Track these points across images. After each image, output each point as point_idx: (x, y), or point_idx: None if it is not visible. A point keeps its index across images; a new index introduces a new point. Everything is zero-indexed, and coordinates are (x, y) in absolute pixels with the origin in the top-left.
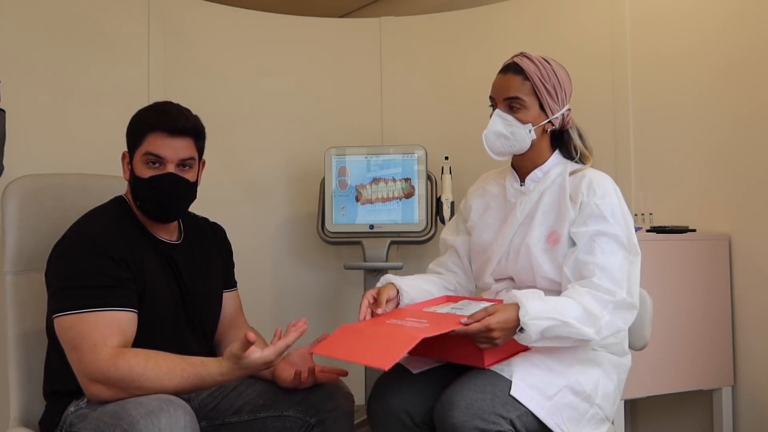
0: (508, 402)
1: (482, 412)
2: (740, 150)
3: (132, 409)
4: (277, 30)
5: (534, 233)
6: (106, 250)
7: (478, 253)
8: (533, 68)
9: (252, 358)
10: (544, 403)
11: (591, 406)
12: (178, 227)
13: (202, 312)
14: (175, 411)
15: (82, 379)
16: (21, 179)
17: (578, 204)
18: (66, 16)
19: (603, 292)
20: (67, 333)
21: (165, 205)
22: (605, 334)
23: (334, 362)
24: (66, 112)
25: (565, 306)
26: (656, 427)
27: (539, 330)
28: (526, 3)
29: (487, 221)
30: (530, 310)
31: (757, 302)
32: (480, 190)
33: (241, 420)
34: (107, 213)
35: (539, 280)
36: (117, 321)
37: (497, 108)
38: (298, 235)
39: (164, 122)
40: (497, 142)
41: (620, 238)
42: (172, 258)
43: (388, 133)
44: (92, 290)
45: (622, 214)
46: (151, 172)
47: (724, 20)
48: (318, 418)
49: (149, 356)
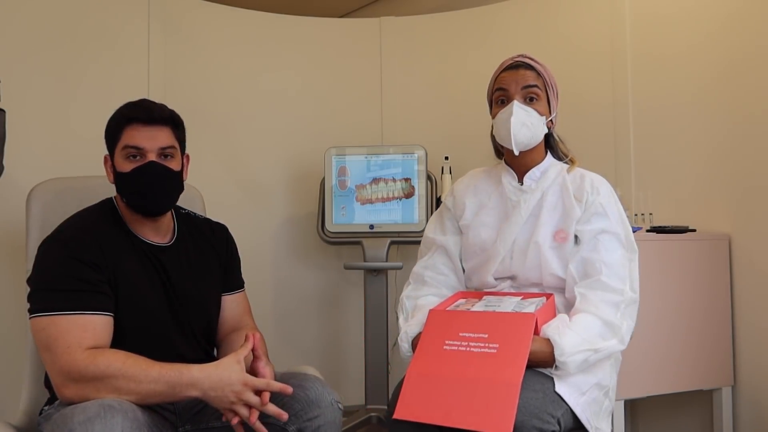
0: (554, 400)
1: (538, 411)
2: (740, 150)
3: (75, 415)
4: (277, 30)
5: (541, 231)
6: (77, 253)
7: (475, 252)
8: (540, 66)
9: (240, 366)
10: (578, 399)
11: (606, 399)
12: (172, 228)
13: (191, 315)
14: (113, 417)
15: (56, 379)
16: (46, 182)
17: (583, 202)
18: (66, 16)
19: (612, 292)
20: (39, 334)
21: (150, 196)
22: (628, 340)
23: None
24: (66, 111)
25: (589, 327)
26: (656, 427)
27: (576, 365)
28: (526, 3)
29: (484, 220)
30: (566, 347)
31: (757, 302)
32: (471, 188)
33: (224, 425)
34: (88, 215)
35: (546, 278)
36: (90, 324)
37: (514, 100)
38: (298, 235)
39: (139, 113)
40: (522, 131)
41: (620, 236)
42: (159, 260)
43: (388, 133)
44: (64, 293)
45: (620, 214)
46: (132, 164)
47: (724, 20)
48: (297, 426)
49: (128, 356)
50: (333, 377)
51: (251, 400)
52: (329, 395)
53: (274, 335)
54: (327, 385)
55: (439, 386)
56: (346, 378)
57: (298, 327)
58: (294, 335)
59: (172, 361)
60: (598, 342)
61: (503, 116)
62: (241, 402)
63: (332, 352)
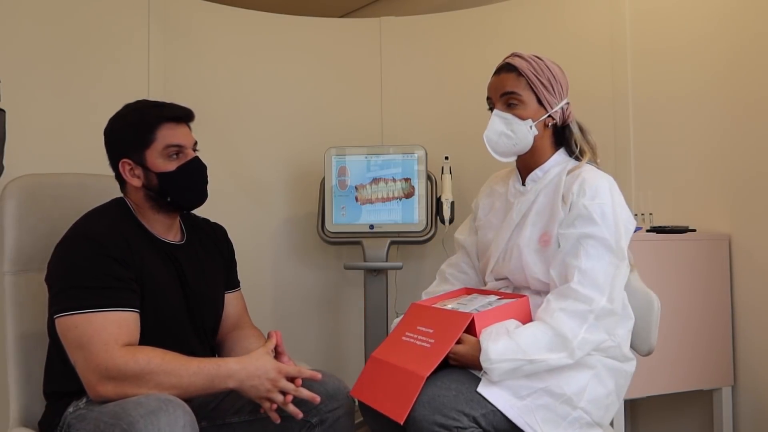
0: (473, 399)
1: (443, 407)
2: (740, 149)
3: (131, 409)
4: (277, 30)
5: (525, 234)
6: (108, 250)
7: (482, 251)
8: (525, 64)
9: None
10: (514, 402)
11: (573, 409)
12: (180, 227)
13: (204, 312)
14: (174, 411)
15: (91, 377)
16: (19, 179)
17: (568, 204)
18: (66, 16)
19: (581, 300)
20: (71, 332)
21: (197, 191)
22: (580, 354)
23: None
24: (66, 112)
25: (534, 336)
26: (656, 427)
27: (501, 372)
28: (526, 3)
29: (491, 221)
30: (491, 353)
31: (757, 302)
32: (488, 189)
33: (242, 420)
34: (107, 213)
35: (531, 281)
36: (124, 321)
37: (495, 108)
38: (298, 235)
39: (170, 112)
40: (500, 141)
41: (607, 241)
42: (176, 258)
43: (388, 133)
44: (97, 290)
45: (613, 216)
46: (176, 163)
47: (724, 16)
48: (319, 417)
49: (165, 352)
50: None
51: (287, 387)
52: (345, 389)
53: None
54: (341, 380)
55: (381, 371)
56: (346, 378)
57: (298, 327)
58: (294, 335)
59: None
60: (540, 353)
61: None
62: (276, 389)
63: (332, 352)
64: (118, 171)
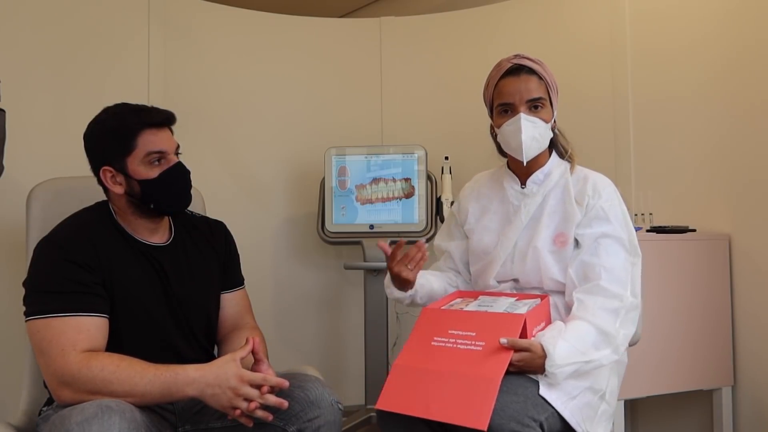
0: (538, 404)
1: (517, 414)
2: (740, 150)
3: (73, 416)
4: (277, 30)
5: (541, 235)
6: (70, 255)
7: (479, 256)
8: (541, 68)
9: (239, 363)
10: (568, 403)
11: (602, 402)
12: (169, 228)
13: (191, 315)
14: (110, 417)
15: (51, 382)
16: (46, 182)
17: (584, 206)
18: (66, 16)
19: (611, 297)
20: (34, 336)
21: (181, 197)
22: (623, 349)
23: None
24: (66, 112)
25: (583, 336)
26: (656, 427)
27: (565, 375)
28: (526, 3)
29: (486, 225)
30: (557, 358)
31: (757, 302)
32: (474, 193)
33: (224, 425)
34: (82, 218)
35: (546, 282)
36: (84, 326)
37: (520, 112)
38: (297, 234)
39: (150, 117)
40: (532, 145)
41: (623, 240)
42: (157, 260)
43: (388, 133)
44: (57, 295)
45: (623, 217)
46: (158, 169)
47: (724, 16)
48: (297, 426)
49: (122, 358)
50: (333, 377)
51: (249, 393)
52: (329, 396)
53: (274, 335)
54: (327, 386)
55: (422, 379)
56: (346, 378)
57: (298, 327)
58: (294, 335)
59: (172, 362)
60: (591, 353)
61: (511, 128)
62: (239, 397)
63: (332, 352)
64: (99, 178)
